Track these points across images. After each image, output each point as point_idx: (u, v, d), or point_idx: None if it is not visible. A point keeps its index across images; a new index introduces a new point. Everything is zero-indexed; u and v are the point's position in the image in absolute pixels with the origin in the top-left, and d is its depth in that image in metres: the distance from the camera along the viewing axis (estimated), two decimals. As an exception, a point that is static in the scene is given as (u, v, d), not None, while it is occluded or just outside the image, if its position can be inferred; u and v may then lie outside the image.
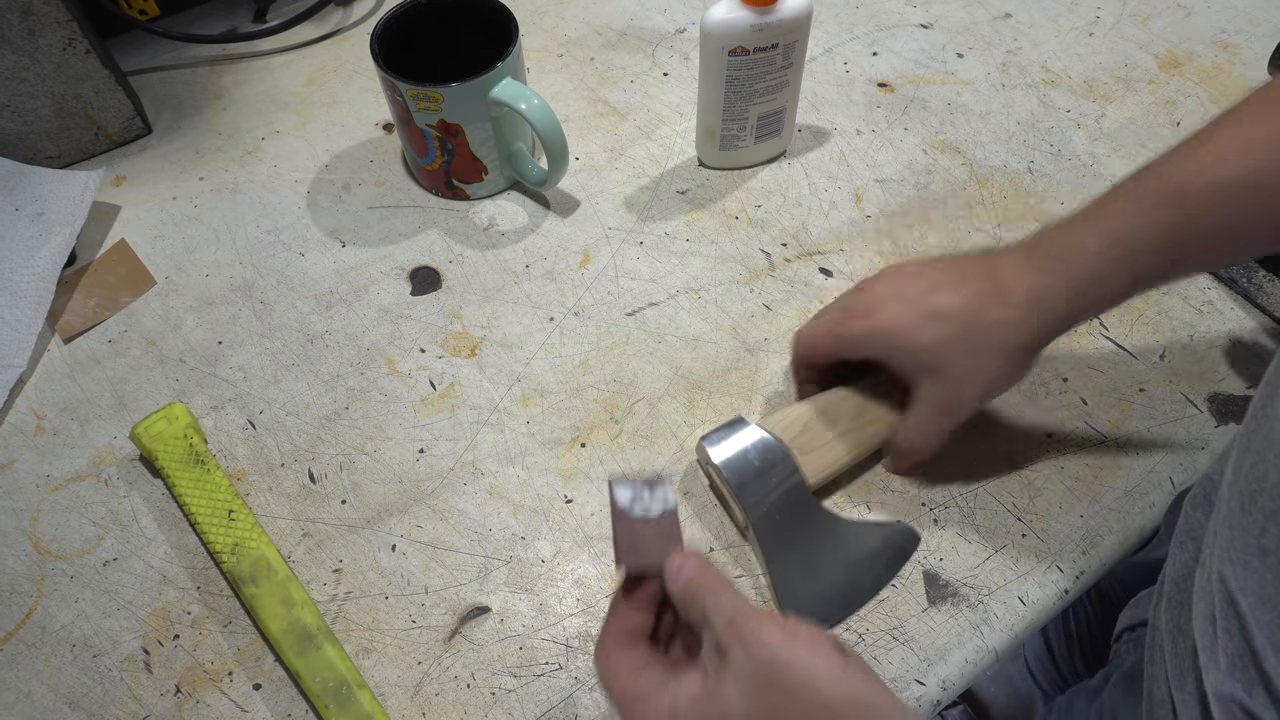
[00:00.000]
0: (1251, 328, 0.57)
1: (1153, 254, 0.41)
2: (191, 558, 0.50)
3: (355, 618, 0.48)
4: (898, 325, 0.46)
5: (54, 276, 0.58)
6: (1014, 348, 0.44)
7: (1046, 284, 0.43)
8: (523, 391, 0.55)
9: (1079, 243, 0.42)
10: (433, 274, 0.61)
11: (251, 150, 0.68)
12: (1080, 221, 0.43)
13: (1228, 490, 0.36)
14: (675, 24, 0.76)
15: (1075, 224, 0.43)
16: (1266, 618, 0.32)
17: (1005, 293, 0.44)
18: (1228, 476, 0.36)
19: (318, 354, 0.57)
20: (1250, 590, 0.33)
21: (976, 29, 0.75)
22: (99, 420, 0.55)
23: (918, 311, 0.45)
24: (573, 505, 0.51)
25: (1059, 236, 0.44)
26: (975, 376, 0.45)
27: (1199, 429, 0.53)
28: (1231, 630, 0.34)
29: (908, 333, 0.45)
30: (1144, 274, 0.42)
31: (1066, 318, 0.43)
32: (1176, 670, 0.42)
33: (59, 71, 0.62)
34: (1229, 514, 0.35)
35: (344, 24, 0.76)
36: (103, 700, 0.46)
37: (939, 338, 0.45)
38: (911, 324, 0.45)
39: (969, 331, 0.44)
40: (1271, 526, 0.32)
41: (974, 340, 0.44)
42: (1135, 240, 0.41)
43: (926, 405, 0.47)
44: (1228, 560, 0.34)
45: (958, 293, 0.45)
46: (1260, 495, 0.33)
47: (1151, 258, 0.41)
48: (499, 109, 0.58)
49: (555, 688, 0.46)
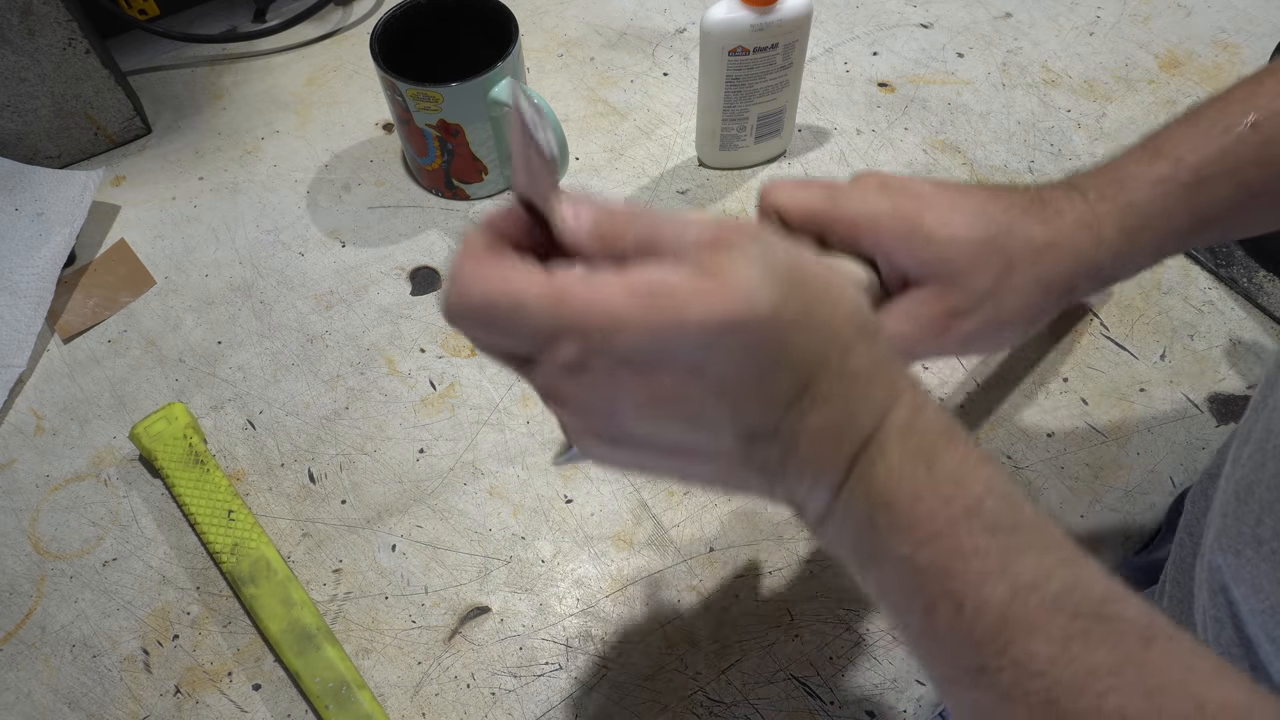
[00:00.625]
0: (1252, 328, 0.57)
1: (1223, 182, 0.36)
2: (191, 558, 0.50)
3: (355, 618, 0.48)
4: (917, 207, 0.35)
5: (53, 276, 0.58)
6: (1054, 279, 0.36)
7: (1100, 210, 0.36)
8: (523, 391, 0.55)
9: (1137, 170, 0.37)
10: (433, 274, 0.61)
11: (251, 150, 0.68)
12: (1137, 151, 0.37)
13: (1225, 481, 0.36)
14: (675, 24, 0.76)
15: (1132, 153, 0.38)
16: (1260, 606, 0.32)
17: (1051, 212, 0.36)
18: (1226, 468, 0.36)
19: (318, 354, 0.57)
20: (1244, 580, 0.33)
21: (977, 29, 0.75)
22: (98, 420, 0.55)
23: (945, 201, 0.35)
24: (573, 505, 0.51)
25: (1114, 165, 0.37)
26: (1002, 300, 0.35)
27: (1200, 429, 0.53)
28: (1223, 619, 0.34)
29: (931, 218, 0.35)
30: (1209, 208, 0.36)
31: (1119, 253, 0.36)
32: None
33: (59, 71, 0.62)
34: (1225, 504, 0.35)
35: (344, 24, 0.76)
36: (102, 700, 0.45)
37: (972, 235, 0.35)
38: (936, 210, 0.35)
39: (1007, 243, 0.35)
40: (1267, 517, 0.32)
41: (1010, 255, 0.35)
42: (1204, 166, 0.36)
43: (922, 311, 0.35)
44: (1219, 549, 0.34)
45: (996, 200, 0.36)
46: (1258, 486, 0.33)
47: (1222, 187, 0.36)
48: (499, 109, 0.58)
49: (555, 688, 0.45)
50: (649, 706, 0.45)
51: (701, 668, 0.46)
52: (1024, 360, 0.56)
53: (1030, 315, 0.36)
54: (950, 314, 0.35)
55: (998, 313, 0.35)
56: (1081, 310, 0.58)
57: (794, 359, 0.25)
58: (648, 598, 0.48)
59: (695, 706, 0.45)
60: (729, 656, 0.46)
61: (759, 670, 0.46)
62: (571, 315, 0.23)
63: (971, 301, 0.35)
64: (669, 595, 0.48)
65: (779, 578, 0.48)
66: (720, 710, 0.45)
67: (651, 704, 0.45)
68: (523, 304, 0.24)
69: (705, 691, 0.45)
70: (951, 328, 0.35)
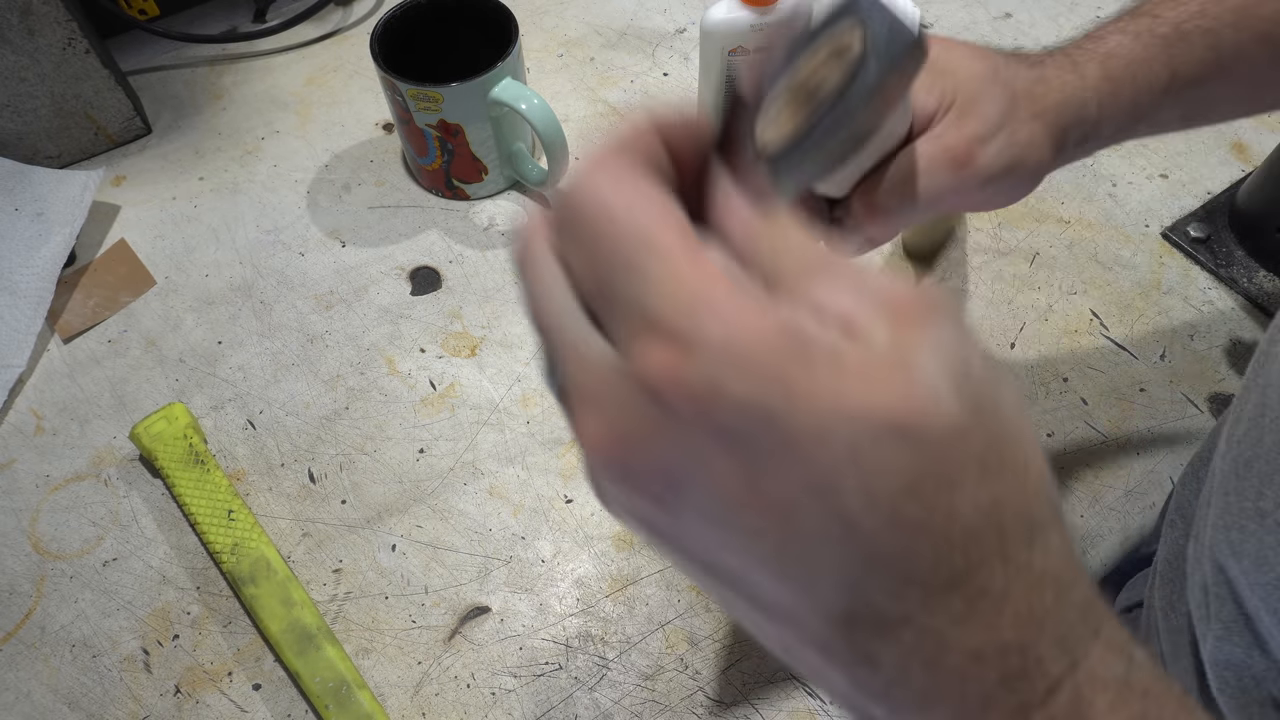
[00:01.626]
0: (1252, 328, 0.57)
1: (1200, 40, 0.37)
2: (191, 558, 0.50)
3: (355, 618, 0.48)
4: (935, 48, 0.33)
5: (53, 276, 0.58)
6: (1050, 116, 0.36)
7: (1081, 60, 0.37)
8: (523, 391, 0.55)
9: (1117, 25, 0.38)
10: (433, 274, 0.61)
11: (251, 150, 0.68)
12: (1118, 14, 0.39)
13: (1220, 460, 0.36)
14: (675, 24, 0.76)
15: (1113, 18, 0.39)
16: (1263, 580, 0.32)
17: (1034, 60, 0.37)
18: (1220, 447, 0.36)
19: (318, 354, 0.57)
20: (1247, 554, 0.33)
21: (977, 29, 0.75)
22: (98, 420, 0.55)
23: (941, 43, 0.35)
24: (573, 505, 0.51)
25: (1095, 27, 0.39)
26: (1015, 131, 0.35)
27: (1200, 429, 0.53)
28: (1224, 596, 0.35)
29: (942, 47, 0.35)
30: (1185, 65, 0.37)
31: (1104, 99, 0.37)
32: (1171, 646, 0.42)
33: (58, 71, 0.62)
34: (1224, 482, 0.35)
35: (344, 24, 0.76)
36: (102, 700, 0.45)
37: (974, 67, 0.35)
38: (936, 48, 0.34)
39: (1005, 76, 0.35)
40: (1267, 489, 0.32)
41: (1012, 88, 0.35)
42: (1183, 21, 0.37)
43: (948, 137, 0.34)
44: (1221, 527, 0.35)
45: (982, 48, 0.37)
46: (1256, 461, 0.33)
47: (1198, 45, 0.37)
48: (499, 109, 0.58)
49: (555, 688, 0.45)
50: (649, 706, 0.45)
51: (701, 668, 0.46)
52: (1024, 360, 0.56)
53: (1038, 153, 0.35)
54: (972, 140, 0.34)
55: (1013, 141, 0.35)
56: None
57: (964, 517, 0.17)
58: (648, 598, 0.48)
59: (695, 706, 0.45)
60: (729, 656, 0.46)
61: (759, 670, 0.46)
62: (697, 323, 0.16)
63: (988, 127, 0.34)
64: (669, 595, 0.48)
65: (779, 578, 0.48)
66: (720, 710, 0.45)
67: (651, 704, 0.45)
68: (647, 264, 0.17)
69: (705, 691, 0.45)
70: (975, 155, 0.34)
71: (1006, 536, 0.17)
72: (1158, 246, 0.61)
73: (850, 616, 0.17)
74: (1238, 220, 0.61)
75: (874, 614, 0.17)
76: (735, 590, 0.19)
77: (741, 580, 0.18)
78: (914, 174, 0.34)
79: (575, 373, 0.18)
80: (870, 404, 0.16)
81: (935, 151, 0.34)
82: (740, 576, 0.18)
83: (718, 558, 0.18)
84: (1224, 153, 0.66)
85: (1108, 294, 0.59)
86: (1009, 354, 0.56)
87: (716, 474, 0.17)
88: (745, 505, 0.17)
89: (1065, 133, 0.37)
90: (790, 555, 0.17)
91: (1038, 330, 0.57)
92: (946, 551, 0.17)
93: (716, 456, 0.17)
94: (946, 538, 0.17)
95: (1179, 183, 0.65)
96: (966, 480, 0.17)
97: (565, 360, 0.19)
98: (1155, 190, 0.64)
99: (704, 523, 0.18)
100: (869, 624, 0.17)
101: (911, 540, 0.17)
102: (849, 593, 0.17)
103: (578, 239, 0.18)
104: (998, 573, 0.17)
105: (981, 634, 0.17)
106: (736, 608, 0.20)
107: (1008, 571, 0.17)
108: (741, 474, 0.17)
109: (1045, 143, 0.36)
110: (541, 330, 0.19)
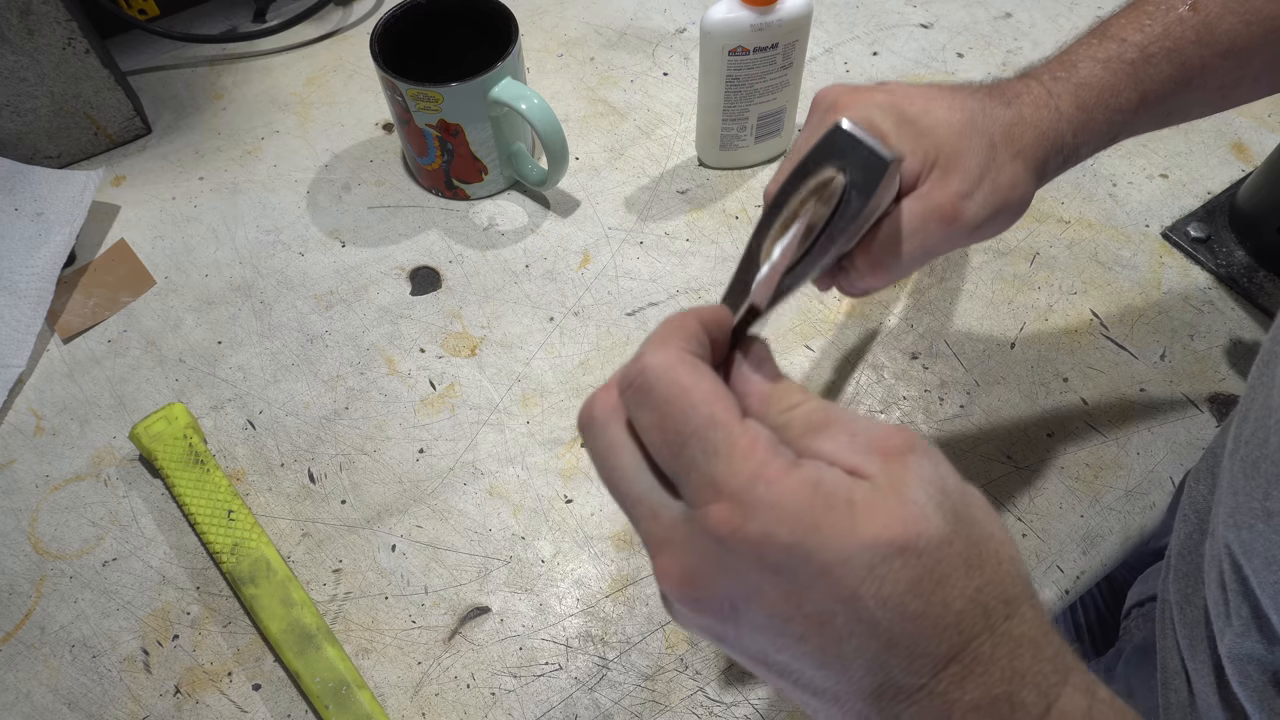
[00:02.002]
0: (1252, 328, 0.57)
1: (1166, 61, 0.39)
2: (191, 558, 0.50)
3: (355, 618, 0.48)
4: (896, 100, 0.37)
5: (53, 276, 0.58)
6: (1029, 153, 0.38)
7: (1055, 90, 0.38)
8: (523, 391, 0.55)
9: (1087, 53, 0.39)
10: (432, 274, 0.61)
11: (251, 150, 0.68)
12: (1087, 36, 0.41)
13: (1229, 459, 0.36)
14: (675, 24, 0.76)
15: (1082, 39, 0.41)
16: (1272, 579, 0.32)
17: (1011, 95, 0.38)
18: (1229, 446, 0.36)
19: (317, 354, 0.57)
20: (1256, 554, 0.33)
21: (977, 29, 0.75)
22: (98, 420, 0.55)
23: (918, 94, 0.37)
24: (573, 505, 0.51)
25: (1066, 51, 0.40)
26: (998, 176, 0.37)
27: (1200, 429, 0.53)
28: (1241, 593, 0.35)
29: (912, 108, 0.36)
30: (1153, 86, 0.39)
31: (1079, 128, 0.39)
32: (1188, 639, 0.42)
33: (58, 71, 0.62)
34: (1232, 481, 0.35)
35: (344, 24, 0.76)
36: (102, 701, 0.45)
37: (952, 119, 0.36)
38: (914, 101, 0.37)
39: (983, 123, 0.37)
40: (1275, 490, 0.32)
41: (989, 134, 0.37)
42: (1149, 44, 0.39)
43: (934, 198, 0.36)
44: (1233, 526, 0.35)
45: (958, 91, 0.38)
46: (1262, 461, 0.33)
47: (1165, 65, 0.39)
48: (499, 109, 0.58)
49: (555, 688, 0.45)
50: (649, 707, 0.45)
51: (701, 668, 0.46)
52: (1024, 360, 0.56)
53: (1021, 190, 0.37)
54: (956, 197, 0.36)
55: (996, 188, 0.37)
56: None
57: (956, 604, 0.22)
58: (648, 598, 0.48)
59: (695, 706, 0.45)
60: (729, 657, 0.46)
61: (759, 670, 0.46)
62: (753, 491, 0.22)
63: (971, 182, 0.36)
64: (669, 595, 0.48)
65: (779, 578, 0.48)
66: (720, 710, 0.45)
67: (651, 704, 0.45)
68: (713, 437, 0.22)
69: (705, 691, 0.45)
70: (962, 211, 0.36)
71: (990, 614, 0.22)
72: (1158, 246, 0.61)
73: (879, 690, 0.22)
74: (1238, 220, 0.61)
75: (896, 686, 0.22)
76: (786, 679, 0.24)
77: (791, 672, 0.24)
78: (906, 232, 0.36)
79: (652, 526, 0.24)
80: (877, 532, 0.21)
81: (924, 210, 0.36)
82: (790, 669, 0.24)
83: (771, 657, 0.24)
84: (1224, 152, 0.66)
85: (1108, 294, 0.59)
86: (1009, 354, 0.56)
87: (768, 597, 0.22)
88: (791, 618, 0.22)
89: (1045, 164, 0.38)
90: (829, 651, 0.22)
91: (1038, 330, 0.57)
92: (945, 632, 0.22)
93: (767, 584, 0.22)
94: (943, 621, 0.22)
95: (1179, 183, 0.65)
96: (955, 576, 0.22)
97: (642, 517, 0.24)
98: (1155, 190, 0.64)
99: (758, 633, 0.23)
100: (893, 694, 0.22)
101: (917, 626, 0.22)
102: (876, 673, 0.22)
103: (652, 408, 0.24)
104: (985, 643, 0.22)
105: (978, 691, 0.22)
106: (789, 691, 0.25)
107: (994, 640, 0.22)
108: (787, 596, 0.22)
109: (1027, 179, 0.37)
110: (618, 492, 0.25)
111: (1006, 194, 0.37)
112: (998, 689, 0.22)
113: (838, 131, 0.27)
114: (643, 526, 0.24)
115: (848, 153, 0.27)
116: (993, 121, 0.37)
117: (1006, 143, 0.37)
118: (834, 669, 0.23)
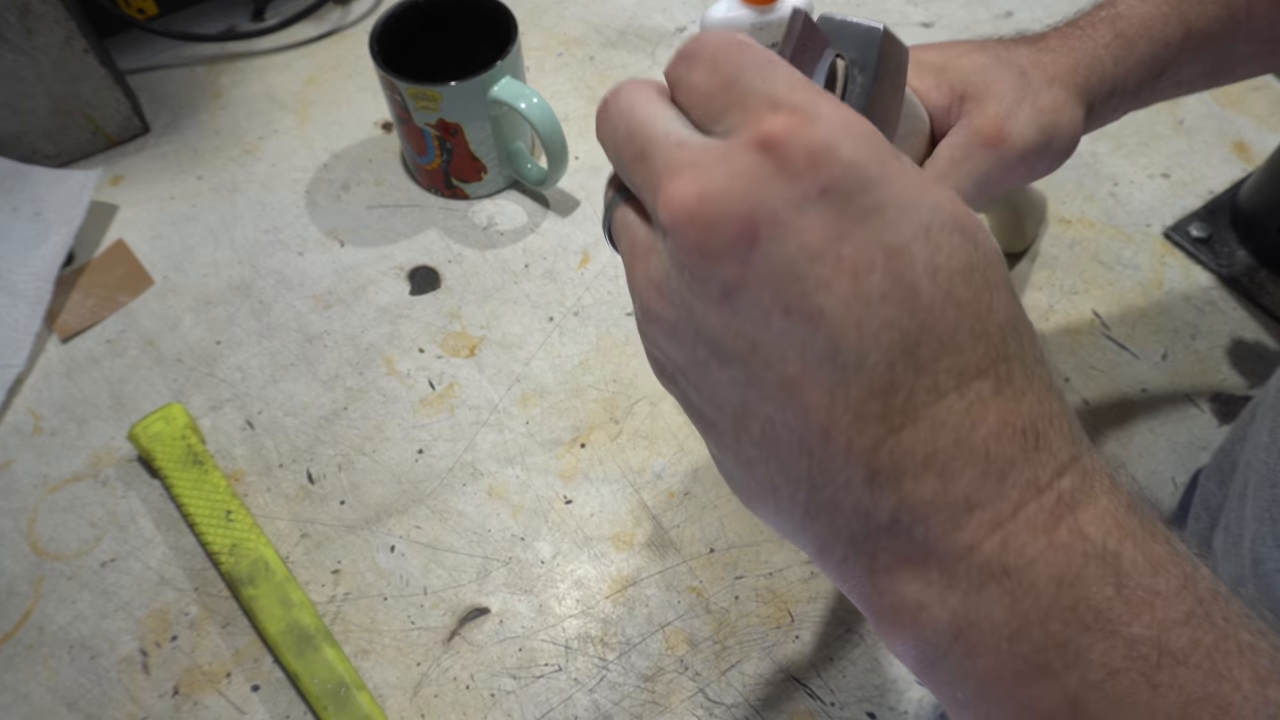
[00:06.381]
0: (1254, 328, 0.57)
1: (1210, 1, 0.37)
2: (189, 558, 0.50)
3: (354, 619, 0.47)
4: (924, 54, 0.37)
5: (52, 276, 0.58)
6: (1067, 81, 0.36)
7: (1083, 25, 0.38)
8: (522, 391, 0.55)
9: None
10: (432, 274, 0.61)
11: (250, 150, 0.68)
12: None
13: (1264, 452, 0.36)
14: (675, 23, 0.76)
15: None
16: None
17: (1033, 38, 0.38)
18: (1263, 439, 0.36)
19: (316, 354, 0.57)
20: None
21: (977, 28, 0.75)
22: (97, 420, 0.54)
23: (939, 47, 0.37)
24: (572, 506, 0.51)
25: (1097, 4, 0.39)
26: (1037, 96, 0.35)
27: (1201, 429, 0.53)
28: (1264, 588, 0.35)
29: (939, 57, 0.37)
30: (1197, 19, 0.37)
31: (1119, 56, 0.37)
32: None
33: (57, 70, 0.61)
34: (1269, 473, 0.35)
35: (343, 23, 0.76)
36: (100, 702, 0.45)
37: (978, 61, 0.36)
38: (939, 52, 0.37)
39: (1010, 58, 0.37)
40: None
41: (1018, 67, 0.36)
42: None
43: (975, 125, 0.35)
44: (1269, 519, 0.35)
45: (975, 45, 0.38)
46: None
47: (1208, 4, 0.37)
48: (498, 108, 0.58)
49: (555, 689, 0.45)
50: (649, 708, 0.45)
51: (701, 668, 0.46)
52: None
53: (1068, 113, 0.36)
54: (997, 118, 0.35)
55: (1039, 109, 0.35)
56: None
57: (999, 315, 0.20)
58: (647, 599, 0.48)
59: (695, 707, 0.45)
60: (729, 657, 0.46)
61: (759, 671, 0.46)
62: (818, 104, 0.20)
63: (1008, 104, 0.35)
64: (669, 595, 0.48)
65: (779, 578, 0.48)
66: (720, 710, 0.45)
67: (651, 705, 0.45)
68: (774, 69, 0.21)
69: (705, 692, 0.45)
70: (1006, 130, 0.35)
71: (1025, 346, 0.20)
72: (1159, 246, 0.61)
73: (886, 392, 0.19)
74: (1239, 220, 0.61)
75: (908, 394, 0.19)
76: (764, 370, 0.20)
77: (775, 363, 0.19)
78: (950, 166, 0.35)
79: (676, 153, 0.20)
80: (943, 199, 0.19)
81: (966, 139, 0.35)
82: (782, 355, 0.19)
83: (763, 337, 0.19)
84: (1225, 152, 0.66)
85: (1109, 294, 0.59)
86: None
87: (805, 226, 0.19)
88: (821, 258, 0.19)
89: (1088, 90, 0.37)
90: (848, 315, 0.18)
91: (1039, 330, 0.57)
92: (982, 339, 0.19)
93: (811, 209, 0.19)
94: (985, 325, 0.19)
95: (1180, 182, 0.64)
96: (1003, 288, 0.20)
97: (664, 150, 0.21)
98: (1157, 190, 0.64)
99: (767, 284, 0.19)
100: (902, 408, 0.19)
101: (959, 316, 0.19)
102: (894, 365, 0.19)
103: (706, 59, 0.21)
104: (1017, 372, 0.20)
105: (1004, 414, 0.19)
106: (755, 409, 0.20)
107: (1025, 373, 0.20)
108: (826, 226, 0.19)
109: (1071, 102, 0.36)
110: (640, 134, 0.22)
111: (1053, 115, 0.35)
112: (1025, 420, 0.19)
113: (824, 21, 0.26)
114: (664, 156, 0.21)
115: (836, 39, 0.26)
116: (1017, 55, 0.36)
117: (1037, 68, 0.36)
118: (849, 338, 0.18)
